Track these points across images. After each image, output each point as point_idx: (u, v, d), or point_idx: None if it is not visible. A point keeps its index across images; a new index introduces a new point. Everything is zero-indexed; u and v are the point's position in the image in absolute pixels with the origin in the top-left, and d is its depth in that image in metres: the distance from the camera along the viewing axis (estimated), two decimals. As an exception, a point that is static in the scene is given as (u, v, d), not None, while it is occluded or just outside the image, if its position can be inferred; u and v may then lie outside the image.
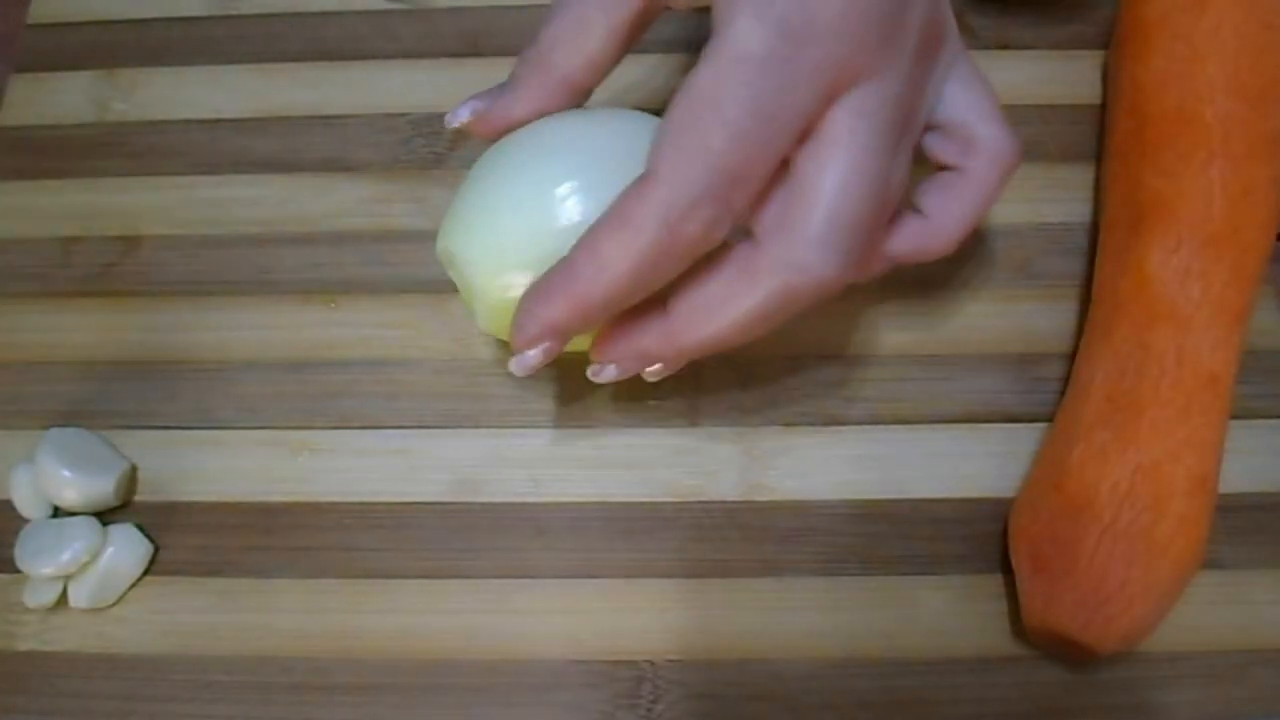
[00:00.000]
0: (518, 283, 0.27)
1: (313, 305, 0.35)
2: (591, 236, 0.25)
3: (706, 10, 0.24)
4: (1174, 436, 0.28)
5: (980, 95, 0.28)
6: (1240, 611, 0.30)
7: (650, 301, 0.26)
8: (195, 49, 0.39)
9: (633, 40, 0.28)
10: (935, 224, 0.28)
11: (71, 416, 0.33)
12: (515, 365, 0.26)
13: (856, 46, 0.23)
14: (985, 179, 0.27)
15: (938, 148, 0.28)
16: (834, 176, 0.23)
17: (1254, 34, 0.31)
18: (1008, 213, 0.35)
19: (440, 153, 0.37)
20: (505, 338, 0.29)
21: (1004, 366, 0.33)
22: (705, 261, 0.25)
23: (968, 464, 0.32)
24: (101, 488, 0.31)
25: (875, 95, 0.24)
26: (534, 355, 0.26)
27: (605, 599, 0.31)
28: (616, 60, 0.28)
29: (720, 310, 0.25)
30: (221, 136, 0.38)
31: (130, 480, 0.32)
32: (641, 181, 0.24)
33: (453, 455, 0.32)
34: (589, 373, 0.28)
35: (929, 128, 0.27)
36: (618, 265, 0.24)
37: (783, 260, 0.24)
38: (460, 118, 0.29)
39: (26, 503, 0.32)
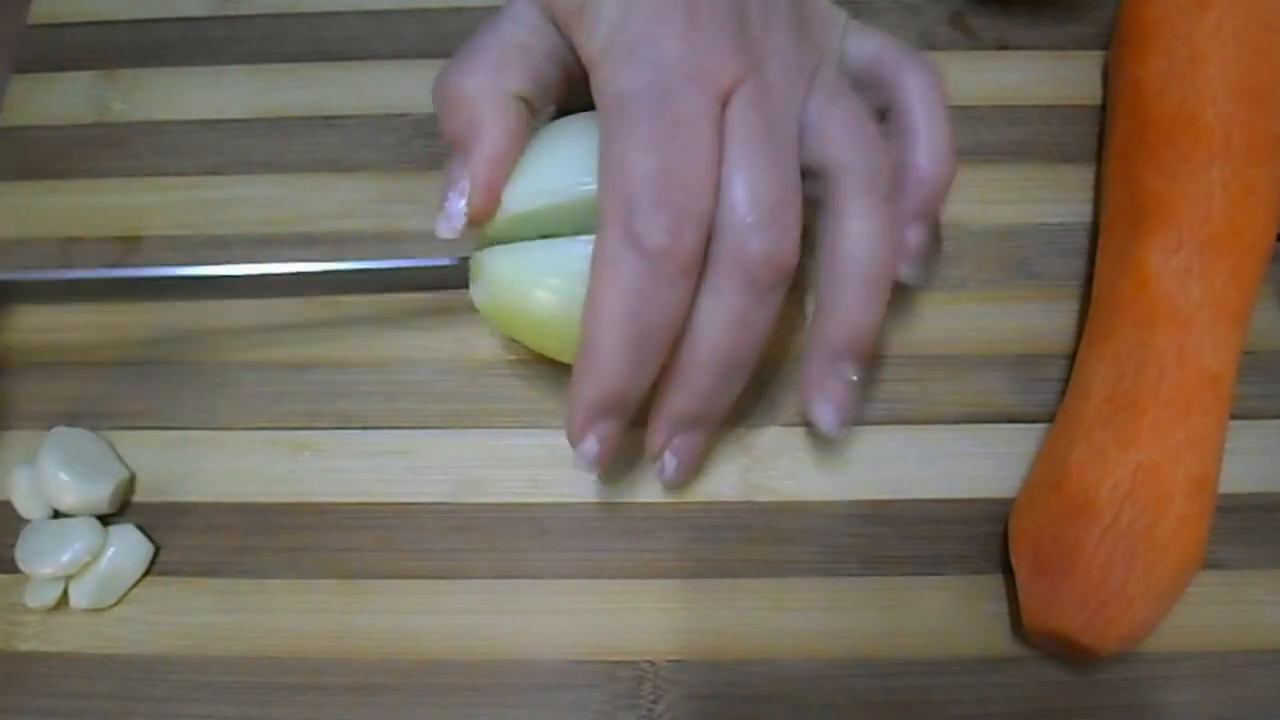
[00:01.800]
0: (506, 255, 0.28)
1: (313, 305, 0.35)
2: (586, 302, 0.25)
3: None
4: (1174, 437, 0.28)
5: (875, 41, 0.30)
6: (1240, 611, 0.30)
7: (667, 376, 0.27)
8: (195, 49, 0.39)
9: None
10: (915, 166, 0.29)
11: (72, 416, 0.33)
12: (579, 458, 0.27)
13: (714, 60, 0.25)
14: (917, 95, 0.29)
15: (867, 98, 0.29)
16: (740, 168, 0.25)
17: (1254, 34, 0.31)
18: (1008, 213, 0.35)
19: (440, 153, 0.37)
20: (494, 318, 0.30)
21: (1004, 366, 0.33)
22: None
23: (968, 464, 0.32)
24: (97, 494, 0.31)
25: (753, 88, 0.26)
26: (590, 444, 0.27)
27: (605, 599, 0.31)
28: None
29: (708, 330, 0.26)
30: (222, 136, 0.38)
31: (128, 488, 0.32)
32: (598, 232, 0.25)
33: (453, 455, 0.32)
34: (657, 474, 0.29)
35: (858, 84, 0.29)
36: (613, 311, 0.25)
37: (731, 259, 0.25)
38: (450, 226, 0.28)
39: (26, 503, 0.31)
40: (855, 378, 0.28)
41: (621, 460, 0.32)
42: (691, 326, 0.26)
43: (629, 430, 0.32)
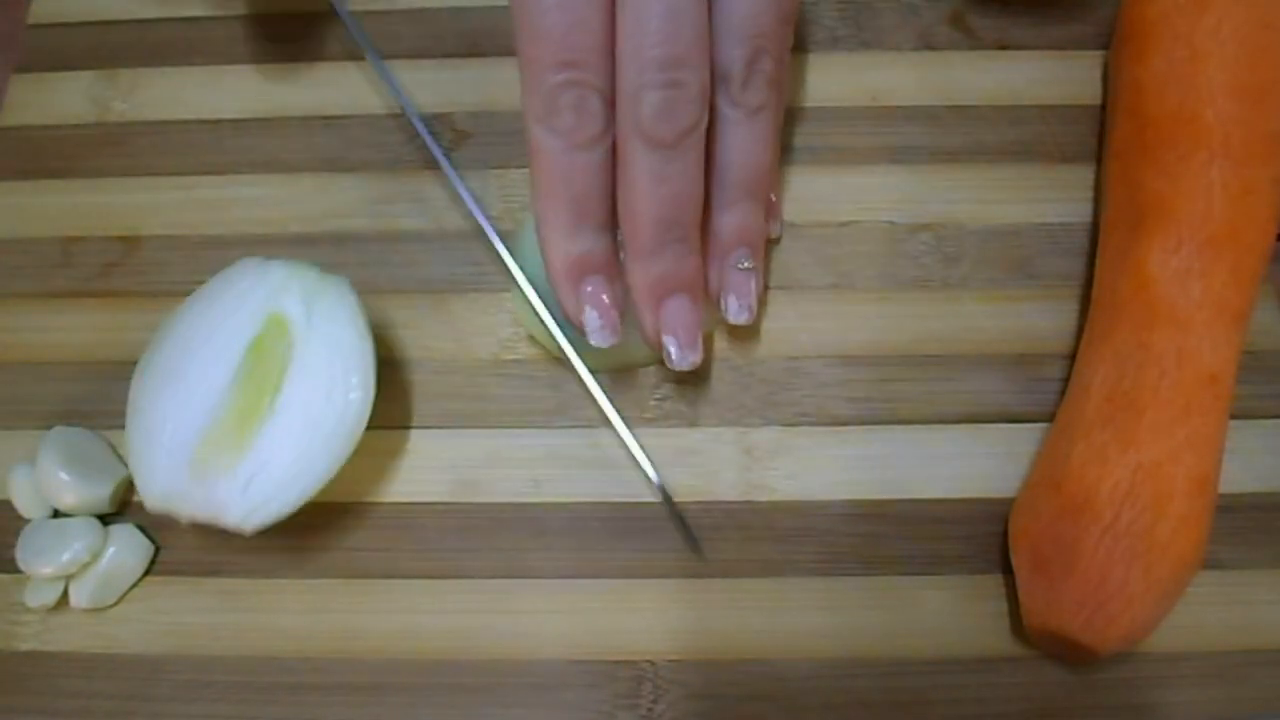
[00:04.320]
0: None
1: (313, 305, 0.35)
2: (530, 187, 0.28)
3: None
4: (1174, 437, 0.28)
5: None
6: (1240, 611, 0.30)
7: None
8: (195, 49, 0.39)
9: None
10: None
11: (71, 416, 0.33)
12: (591, 337, 0.28)
13: None
14: None
15: None
16: (629, 33, 0.25)
17: (1254, 34, 0.31)
18: (1008, 213, 0.35)
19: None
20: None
21: (1004, 366, 0.33)
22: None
23: (968, 464, 0.32)
24: (97, 494, 0.31)
25: None
26: (590, 317, 0.28)
27: (605, 599, 0.31)
28: None
29: (631, 191, 0.27)
30: (221, 136, 0.38)
31: (128, 487, 0.32)
32: (524, 118, 0.27)
33: (453, 455, 0.32)
34: (669, 364, 0.29)
35: None
36: (548, 186, 0.27)
37: (629, 121, 0.26)
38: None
39: (26, 503, 0.32)
40: (749, 265, 0.29)
41: (621, 460, 0.32)
42: (619, 194, 0.27)
43: (618, 432, 0.32)
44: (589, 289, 0.28)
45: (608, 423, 0.32)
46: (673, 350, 0.28)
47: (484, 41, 0.39)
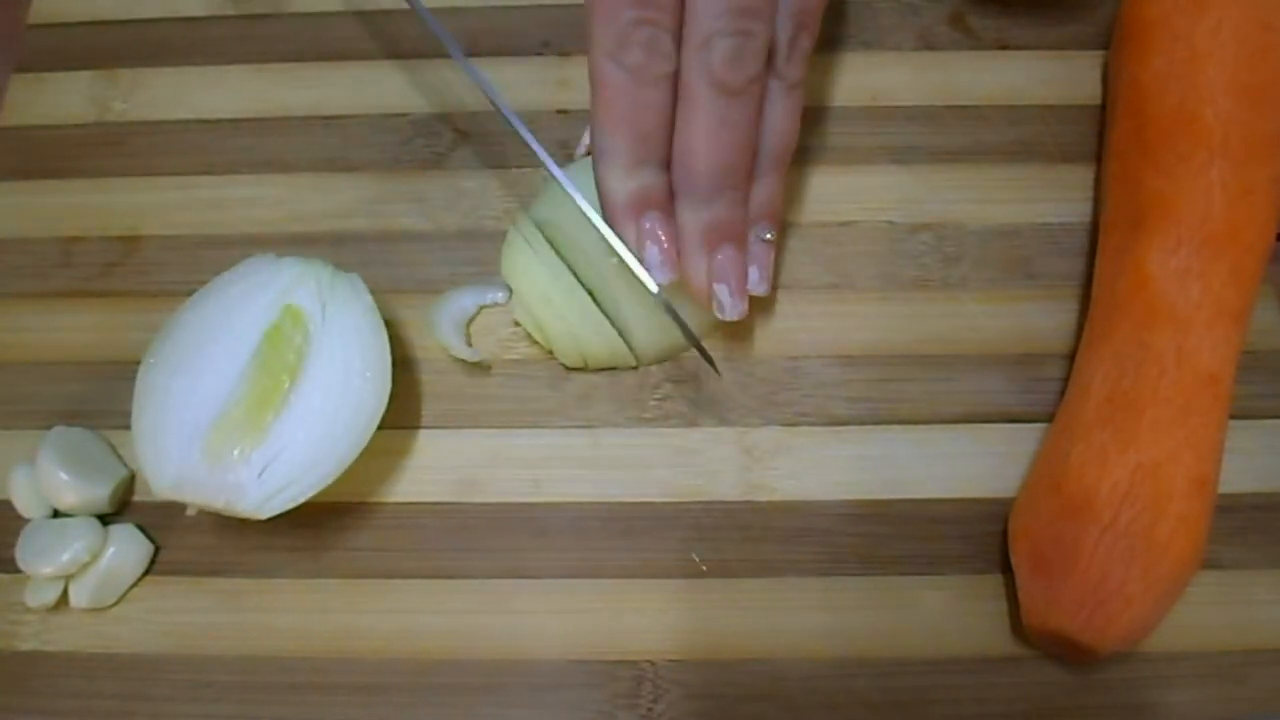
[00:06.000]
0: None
1: (313, 305, 0.35)
2: (591, 117, 0.28)
3: None
4: (1174, 436, 0.28)
5: None
6: (1240, 611, 0.30)
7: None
8: (195, 49, 0.39)
9: None
10: None
11: (71, 416, 0.33)
12: (651, 273, 0.28)
13: None
14: None
15: None
16: None
17: (1254, 34, 0.31)
18: (1008, 213, 0.35)
19: (441, 152, 0.37)
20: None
21: (1004, 366, 0.33)
22: None
23: (968, 464, 0.32)
24: (97, 493, 0.31)
25: None
26: (651, 251, 0.28)
27: (605, 599, 0.31)
28: None
29: (692, 134, 0.27)
30: (221, 136, 0.38)
31: (128, 487, 0.32)
32: (589, 52, 0.27)
33: (453, 455, 0.32)
34: (719, 315, 0.29)
35: None
36: (612, 119, 0.27)
37: (698, 65, 0.26)
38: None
39: (26, 503, 0.32)
40: (770, 236, 0.30)
41: (621, 460, 0.32)
42: (679, 136, 0.27)
43: (622, 433, 0.32)
44: (648, 225, 0.28)
45: (608, 423, 0.32)
46: (724, 297, 0.29)
47: (484, 41, 0.39)
